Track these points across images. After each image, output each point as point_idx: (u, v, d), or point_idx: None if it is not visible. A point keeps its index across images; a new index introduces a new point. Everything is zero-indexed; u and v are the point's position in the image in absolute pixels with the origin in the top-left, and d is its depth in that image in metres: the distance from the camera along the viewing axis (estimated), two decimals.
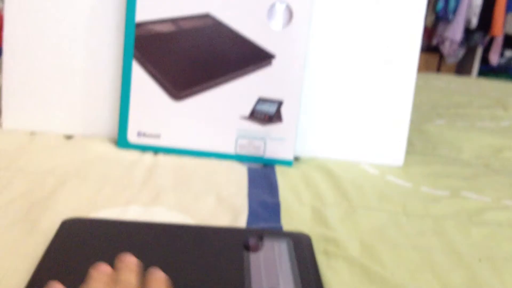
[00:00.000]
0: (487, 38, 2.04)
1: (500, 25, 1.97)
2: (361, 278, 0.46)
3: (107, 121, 0.74)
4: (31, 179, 0.59)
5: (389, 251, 0.51)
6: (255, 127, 0.72)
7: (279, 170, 0.70)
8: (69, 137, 0.72)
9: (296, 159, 0.74)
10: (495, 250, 0.53)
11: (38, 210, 0.53)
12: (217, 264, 0.43)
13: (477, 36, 2.02)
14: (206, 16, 0.70)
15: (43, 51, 0.72)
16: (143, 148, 0.71)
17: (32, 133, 0.72)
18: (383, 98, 0.74)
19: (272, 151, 0.72)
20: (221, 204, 0.59)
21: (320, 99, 0.74)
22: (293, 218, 0.57)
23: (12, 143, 0.68)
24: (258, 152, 0.73)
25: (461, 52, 2.04)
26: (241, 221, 0.55)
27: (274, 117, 0.72)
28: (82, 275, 0.36)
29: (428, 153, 0.79)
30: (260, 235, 0.48)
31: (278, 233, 0.51)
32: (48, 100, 0.73)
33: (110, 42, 0.72)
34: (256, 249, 0.46)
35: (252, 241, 0.47)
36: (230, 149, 0.72)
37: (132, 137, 0.72)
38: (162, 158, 0.70)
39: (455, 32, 1.95)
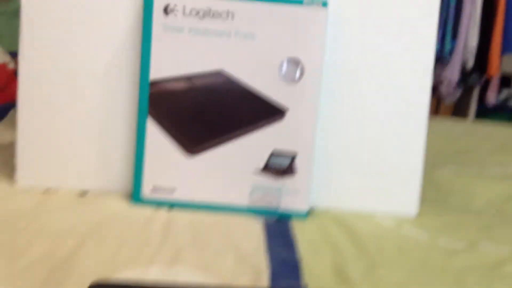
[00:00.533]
0: (484, 78, 2.07)
1: (496, 66, 2.00)
2: None
3: (122, 176, 0.74)
4: (49, 241, 0.59)
5: None
6: (269, 180, 0.72)
7: (295, 224, 0.70)
8: (82, 194, 0.72)
9: (310, 210, 0.74)
10: None
11: (59, 273, 0.52)
12: None
13: (473, 77, 2.05)
14: (218, 73, 0.71)
15: (58, 107, 0.72)
16: (158, 203, 0.71)
17: (47, 191, 0.71)
18: (395, 147, 0.74)
19: (287, 204, 0.72)
20: (241, 262, 0.58)
21: (333, 150, 0.75)
22: (315, 276, 0.57)
23: (28, 202, 0.68)
24: (273, 205, 0.72)
25: (458, 93, 2.07)
26: (263, 280, 0.55)
27: (288, 170, 0.72)
28: None
29: (440, 202, 0.79)
30: None
31: None
32: (63, 156, 0.73)
33: (124, 98, 0.73)
34: None
35: None
36: (244, 203, 0.72)
37: (146, 192, 0.71)
38: (177, 214, 0.69)
39: (452, 72, 1.98)
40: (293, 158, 0.72)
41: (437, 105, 2.25)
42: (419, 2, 0.73)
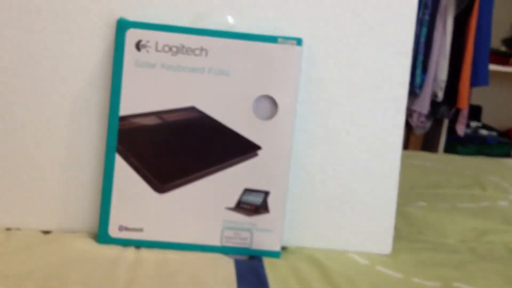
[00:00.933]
0: (453, 110, 2.10)
1: (465, 98, 2.04)
2: None
3: (87, 214, 0.71)
4: (9, 285, 0.56)
5: None
6: (241, 218, 0.70)
7: (267, 262, 0.68)
8: (46, 232, 0.69)
9: (283, 248, 0.72)
10: None
11: None
12: None
13: (443, 109, 2.09)
14: (191, 109, 0.70)
15: (21, 142, 0.70)
16: (125, 243, 0.69)
17: (8, 230, 0.68)
18: (368, 185, 0.74)
19: (259, 243, 0.71)
20: None
21: (306, 188, 0.74)
22: None
23: None
24: (245, 244, 0.71)
25: (428, 124, 2.10)
26: None
27: (260, 208, 0.71)
28: None
29: (414, 239, 0.78)
30: None
31: None
32: (25, 194, 0.70)
33: (93, 134, 0.71)
34: None
35: None
36: (215, 241, 0.70)
37: (113, 231, 0.69)
38: (145, 253, 0.67)
39: (422, 105, 2.01)
40: (265, 196, 0.71)
41: (407, 137, 2.28)
42: (393, 41, 0.73)
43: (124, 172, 0.69)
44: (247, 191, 0.71)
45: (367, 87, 0.73)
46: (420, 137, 2.29)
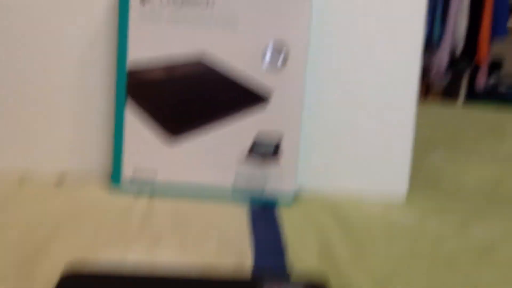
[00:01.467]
0: (473, 63, 2.06)
1: (485, 53, 2.00)
2: None
3: (101, 157, 0.71)
4: (24, 229, 0.56)
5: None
6: (254, 166, 0.70)
7: (281, 209, 0.68)
8: (59, 182, 0.70)
9: (296, 195, 0.72)
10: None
11: (32, 262, 0.50)
12: None
13: (463, 62, 2.04)
14: (199, 61, 0.69)
15: (33, 85, 0.70)
16: (138, 190, 0.69)
17: (21, 177, 0.69)
18: (384, 131, 0.72)
19: (272, 189, 0.70)
20: (224, 246, 0.56)
21: (320, 134, 0.73)
22: (300, 261, 0.55)
23: (1, 191, 0.65)
24: (258, 189, 0.70)
25: (447, 78, 2.06)
26: (247, 263, 0.53)
27: (273, 155, 0.70)
28: None
29: (430, 187, 0.77)
30: (272, 285, 0.45)
31: (291, 282, 0.48)
32: (39, 138, 0.70)
33: (101, 86, 0.70)
34: None
35: None
36: (228, 187, 0.70)
37: (126, 181, 0.69)
38: (158, 202, 0.67)
39: (441, 58, 1.96)
40: (278, 142, 0.70)
41: (426, 91, 2.24)
42: None
43: (135, 120, 0.68)
44: (259, 138, 0.70)
45: (382, 34, 0.71)
46: (438, 92, 2.25)
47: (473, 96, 2.20)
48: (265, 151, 0.70)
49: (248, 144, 0.70)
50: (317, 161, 0.73)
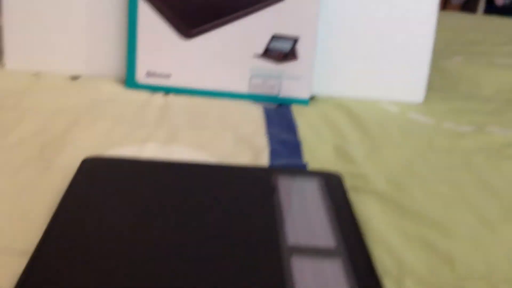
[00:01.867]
0: None
1: None
2: (394, 213, 0.45)
3: (114, 61, 0.70)
4: (41, 119, 0.56)
5: (418, 186, 0.49)
6: (269, 66, 0.69)
7: (296, 109, 0.67)
8: (75, 77, 0.69)
9: (312, 98, 0.71)
10: None
11: (52, 149, 0.50)
12: (244, 205, 0.41)
13: None
14: None
15: None
16: (153, 89, 0.68)
17: (37, 74, 0.68)
18: (403, 32, 0.70)
19: (288, 90, 0.70)
20: (240, 142, 0.56)
21: (337, 35, 0.71)
22: (315, 156, 0.55)
23: (17, 84, 0.65)
24: (273, 91, 0.70)
25: None
26: (263, 160, 0.53)
27: (289, 55, 0.69)
28: (104, 213, 0.37)
29: (448, 90, 0.76)
30: (288, 174, 0.46)
31: (306, 172, 0.49)
32: (53, 40, 0.69)
33: None
34: (285, 189, 0.43)
35: (280, 181, 0.45)
36: (243, 89, 0.69)
37: (141, 77, 0.68)
38: (173, 98, 0.67)
39: None
40: (294, 42, 0.68)
41: (444, 4, 2.17)
42: None
43: (149, 18, 0.67)
44: (275, 37, 0.68)
45: None
46: (457, 6, 2.18)
47: (492, 11, 2.13)
48: (281, 50, 0.68)
49: (263, 44, 0.68)
50: (333, 67, 0.72)
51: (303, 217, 0.40)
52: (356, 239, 0.38)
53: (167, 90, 0.69)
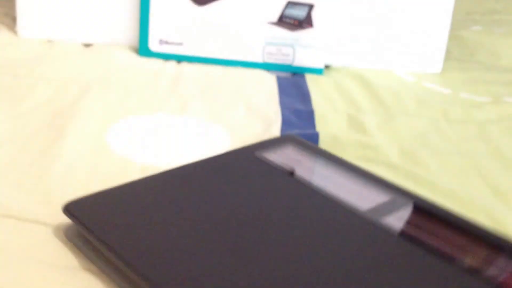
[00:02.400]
0: None
1: None
2: (406, 183, 0.44)
3: (127, 29, 0.70)
4: (54, 86, 0.56)
5: (432, 157, 0.49)
6: (283, 33, 0.68)
7: (310, 79, 0.66)
8: (87, 45, 0.69)
9: (327, 67, 0.70)
10: None
11: (64, 116, 0.50)
12: (278, 193, 0.37)
13: None
14: None
15: None
16: (166, 57, 0.68)
17: (50, 41, 0.68)
18: (421, 1, 0.69)
19: (302, 59, 0.69)
20: (252, 112, 0.56)
21: (353, 3, 0.69)
22: (328, 125, 0.54)
23: (30, 51, 0.65)
24: (287, 60, 0.69)
25: None
26: (275, 129, 0.53)
27: (304, 22, 0.68)
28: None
29: (465, 60, 0.74)
30: (265, 148, 0.44)
31: (274, 140, 0.46)
32: (65, 7, 0.69)
33: None
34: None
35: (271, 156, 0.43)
36: (257, 57, 0.69)
37: (153, 45, 0.68)
38: (186, 66, 0.66)
39: None
40: (310, 9, 0.67)
41: None
42: None
43: None
44: (290, 4, 0.67)
45: None
46: None
47: None
48: (296, 17, 0.67)
49: (278, 11, 0.67)
50: (349, 36, 0.70)
51: (330, 182, 0.39)
52: (393, 185, 0.38)
53: (180, 59, 0.68)
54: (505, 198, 0.43)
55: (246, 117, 0.55)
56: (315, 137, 0.51)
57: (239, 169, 0.39)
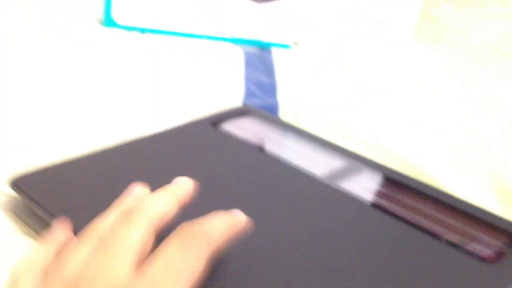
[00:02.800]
0: None
1: None
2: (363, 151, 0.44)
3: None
4: None
5: (402, 133, 0.48)
6: (252, 8, 0.67)
7: (277, 54, 0.65)
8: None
9: (295, 43, 0.70)
10: None
11: None
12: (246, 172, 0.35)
13: None
14: None
15: None
16: (130, 29, 0.67)
17: None
18: None
19: (270, 34, 0.68)
20: (217, 83, 0.55)
21: None
22: (290, 98, 0.54)
23: None
24: (255, 35, 0.68)
25: None
26: (237, 101, 0.52)
27: None
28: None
29: (435, 39, 0.74)
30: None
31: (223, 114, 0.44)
32: None
33: None
34: None
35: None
36: (225, 32, 0.68)
37: (117, 16, 0.66)
38: (151, 38, 0.65)
39: None
40: None
41: None
42: None
43: None
44: None
45: None
46: None
47: None
48: None
49: None
50: (318, 12, 0.70)
51: (288, 150, 0.38)
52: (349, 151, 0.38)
53: (145, 31, 0.67)
54: (468, 172, 0.43)
55: (211, 89, 0.54)
56: (274, 107, 0.51)
57: (197, 141, 0.38)
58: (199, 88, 0.54)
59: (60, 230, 0.27)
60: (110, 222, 0.25)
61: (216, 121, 0.41)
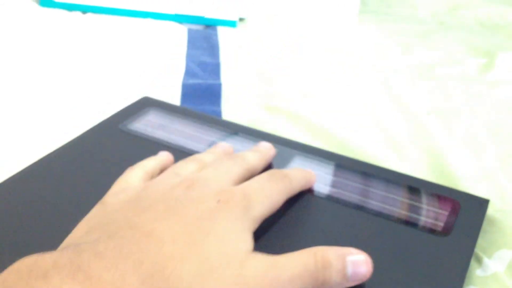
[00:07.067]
0: None
1: None
2: (306, 132, 0.43)
3: None
4: None
5: (333, 105, 0.48)
6: None
7: (222, 31, 0.64)
8: None
9: (241, 20, 0.69)
10: (444, 103, 0.50)
11: None
12: None
13: None
14: None
15: None
16: (70, 7, 0.64)
17: None
18: None
19: (215, 11, 0.67)
20: (158, 63, 0.54)
21: None
22: (233, 77, 0.53)
23: None
24: (199, 12, 0.66)
25: None
26: (177, 81, 0.51)
27: None
28: None
29: (381, 12, 0.74)
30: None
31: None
32: None
33: None
34: None
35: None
36: (168, 9, 0.66)
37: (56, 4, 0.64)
38: (92, 17, 0.63)
39: None
40: None
41: None
42: None
43: None
44: None
45: None
46: None
47: None
48: None
49: None
50: None
51: (194, 141, 0.38)
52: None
53: (85, 9, 0.65)
54: (399, 147, 0.43)
55: (151, 69, 0.53)
56: (217, 88, 0.50)
57: (105, 146, 0.36)
58: (138, 70, 0.52)
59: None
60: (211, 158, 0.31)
61: (120, 120, 0.40)
